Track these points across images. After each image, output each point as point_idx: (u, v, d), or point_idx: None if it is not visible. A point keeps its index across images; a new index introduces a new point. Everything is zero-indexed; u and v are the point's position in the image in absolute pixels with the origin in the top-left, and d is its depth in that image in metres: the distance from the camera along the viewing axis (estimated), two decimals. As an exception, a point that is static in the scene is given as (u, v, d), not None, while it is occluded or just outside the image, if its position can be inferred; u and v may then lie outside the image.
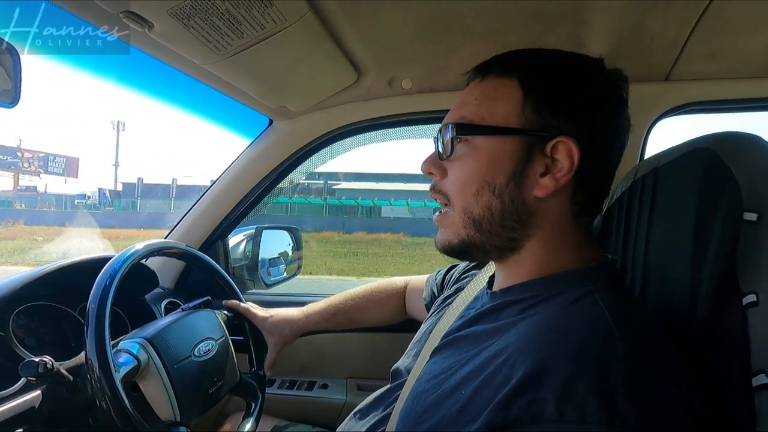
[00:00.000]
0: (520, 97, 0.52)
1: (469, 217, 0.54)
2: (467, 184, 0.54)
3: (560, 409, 0.37)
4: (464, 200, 0.54)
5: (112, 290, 0.70)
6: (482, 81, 0.56)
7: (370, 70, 1.00)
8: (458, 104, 0.57)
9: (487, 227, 0.53)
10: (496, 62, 0.56)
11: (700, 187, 0.55)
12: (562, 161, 0.51)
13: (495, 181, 0.52)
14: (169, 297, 1.14)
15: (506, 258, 0.56)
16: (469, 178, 0.54)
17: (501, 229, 0.53)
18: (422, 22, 0.84)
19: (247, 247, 1.41)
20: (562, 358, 0.41)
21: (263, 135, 1.19)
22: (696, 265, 0.53)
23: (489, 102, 0.54)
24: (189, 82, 0.91)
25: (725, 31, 0.82)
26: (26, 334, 0.84)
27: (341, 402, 1.19)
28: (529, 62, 0.55)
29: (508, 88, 0.53)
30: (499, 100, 0.54)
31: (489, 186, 0.52)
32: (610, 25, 0.83)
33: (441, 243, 0.58)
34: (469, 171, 0.54)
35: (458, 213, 0.55)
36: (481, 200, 0.53)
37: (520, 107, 0.52)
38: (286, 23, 0.73)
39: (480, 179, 0.53)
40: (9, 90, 0.61)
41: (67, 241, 13.25)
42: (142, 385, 0.71)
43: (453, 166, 0.55)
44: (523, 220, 0.53)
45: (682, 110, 1.00)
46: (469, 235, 0.54)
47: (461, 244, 0.55)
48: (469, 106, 0.55)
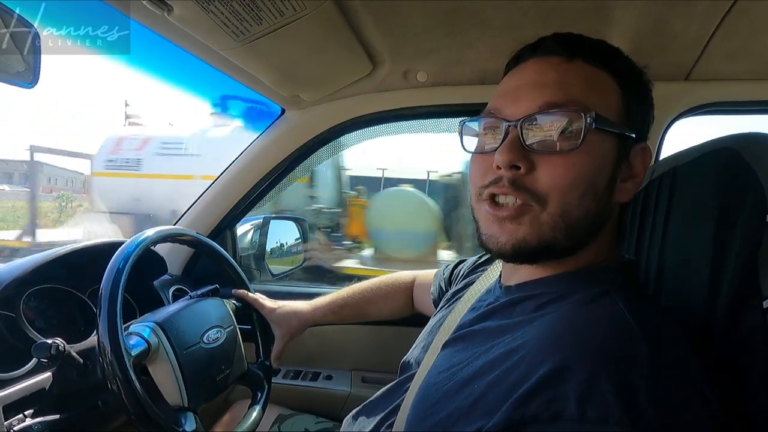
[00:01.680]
0: (618, 92, 0.49)
1: (565, 221, 0.47)
2: (576, 185, 0.47)
3: (582, 408, 0.37)
4: (566, 202, 0.47)
5: (125, 274, 0.70)
6: (570, 62, 0.49)
7: (385, 61, 1.00)
8: (553, 82, 0.48)
9: (577, 233, 0.48)
10: (584, 45, 0.50)
11: (722, 188, 0.54)
12: (637, 166, 0.50)
13: (599, 183, 0.48)
14: (177, 284, 1.15)
15: (557, 259, 0.52)
16: (580, 177, 0.47)
17: (586, 236, 0.50)
18: (440, 14, 0.83)
19: (255, 237, 1.41)
20: (584, 356, 0.40)
21: (275, 124, 1.18)
22: (715, 267, 0.52)
23: (597, 90, 0.48)
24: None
25: (749, 32, 0.80)
26: (36, 316, 0.85)
27: (345, 393, 1.19)
28: (612, 54, 0.51)
29: (606, 80, 0.49)
30: (607, 91, 0.49)
31: (593, 188, 0.48)
32: (631, 22, 0.81)
33: (513, 242, 0.49)
34: (582, 168, 0.47)
35: (551, 215, 0.47)
36: (584, 203, 0.47)
37: (622, 104, 0.49)
38: (306, 11, 0.72)
39: (589, 181, 0.47)
40: (28, 70, 0.60)
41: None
42: (152, 369, 0.72)
43: (555, 160, 0.47)
44: (603, 225, 0.50)
45: (701, 110, 0.99)
46: (555, 239, 0.48)
47: (540, 247, 0.49)
48: (576, 88, 0.47)
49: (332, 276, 4.24)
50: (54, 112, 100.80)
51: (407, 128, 1.19)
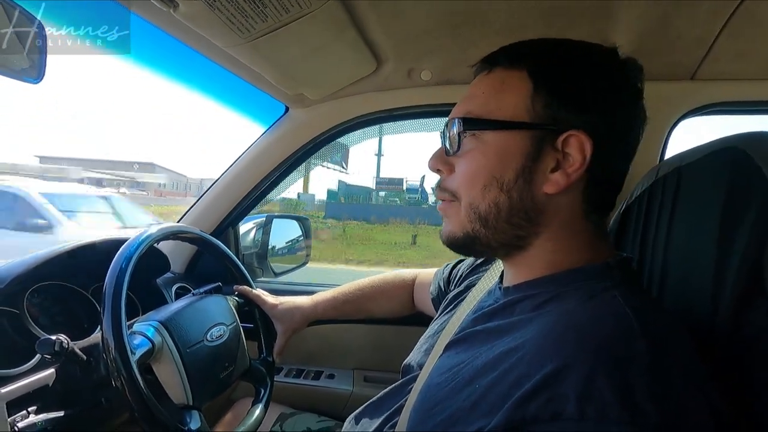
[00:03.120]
0: (529, 89, 0.51)
1: (475, 212, 0.52)
2: (474, 179, 0.52)
3: (581, 407, 0.37)
4: (471, 195, 0.53)
5: (129, 272, 0.70)
6: (490, 73, 0.55)
7: (389, 59, 0.99)
8: (465, 98, 0.56)
9: (493, 223, 0.52)
10: (504, 53, 0.54)
11: (728, 187, 0.54)
12: (574, 156, 0.49)
13: (503, 176, 0.51)
14: (180, 282, 1.15)
15: (513, 255, 0.55)
16: (477, 172, 0.52)
17: (508, 226, 0.52)
18: (444, 14, 0.83)
19: (257, 235, 1.41)
20: (583, 355, 0.40)
21: (279, 122, 1.18)
22: (720, 266, 0.52)
23: (497, 95, 0.52)
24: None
25: (756, 32, 0.80)
26: (40, 313, 0.84)
27: (348, 392, 1.19)
28: (538, 52, 0.53)
29: (517, 80, 0.51)
30: (508, 92, 0.52)
31: (497, 181, 0.51)
32: (635, 21, 0.81)
33: (445, 235, 0.57)
34: (477, 166, 0.52)
35: (464, 207, 0.53)
36: (488, 196, 0.52)
37: (530, 100, 0.50)
38: (311, 8, 0.72)
39: (488, 174, 0.51)
40: (33, 66, 0.60)
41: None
42: (156, 367, 0.72)
43: (460, 161, 0.54)
44: (532, 217, 0.52)
45: (706, 110, 0.99)
46: (474, 230, 0.53)
47: (465, 238, 0.54)
48: (476, 100, 0.54)
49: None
50: (54, 112, 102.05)
51: (411, 127, 1.19)
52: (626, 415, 0.36)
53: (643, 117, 0.54)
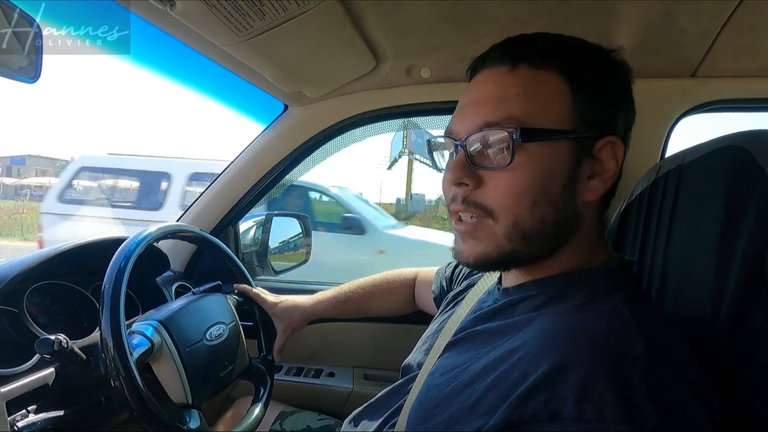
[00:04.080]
0: (567, 93, 0.48)
1: (519, 231, 0.48)
2: (522, 196, 0.48)
3: (580, 407, 0.37)
4: (516, 213, 0.48)
5: (127, 271, 0.70)
6: (514, 70, 0.50)
7: (389, 57, 0.99)
8: (493, 98, 0.49)
9: (537, 240, 0.49)
10: (529, 49, 0.50)
11: (730, 186, 0.53)
12: (608, 162, 0.49)
13: (552, 190, 0.48)
14: (180, 280, 1.15)
15: (534, 263, 0.53)
16: (526, 188, 0.48)
17: (550, 240, 0.50)
18: (444, 10, 0.82)
19: (257, 234, 1.41)
20: (582, 356, 0.40)
21: (278, 121, 1.18)
22: (721, 265, 0.51)
23: (537, 98, 0.48)
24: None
25: (758, 28, 0.79)
26: (39, 311, 0.85)
27: (348, 390, 1.19)
28: (566, 52, 0.51)
29: (552, 82, 0.49)
30: (548, 96, 0.48)
31: (546, 196, 0.48)
32: (638, 18, 0.80)
33: (475, 257, 0.51)
34: (527, 180, 0.48)
35: (504, 226, 0.49)
36: (537, 212, 0.48)
37: (570, 104, 0.48)
38: (309, 6, 0.71)
39: (537, 189, 0.48)
40: (30, 65, 0.60)
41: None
42: (155, 367, 0.72)
43: (498, 175, 0.49)
44: (571, 226, 0.50)
45: (708, 108, 0.98)
46: (514, 249, 0.49)
47: (501, 257, 0.50)
48: (514, 103, 0.48)
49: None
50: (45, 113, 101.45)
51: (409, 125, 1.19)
52: (625, 415, 0.36)
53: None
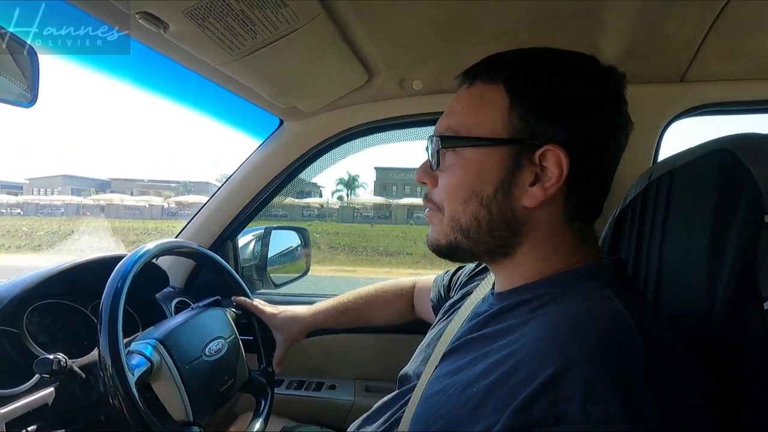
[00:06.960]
0: (506, 103, 0.51)
1: (457, 224, 0.54)
2: (455, 194, 0.54)
3: (585, 408, 0.37)
4: (452, 208, 0.54)
5: (125, 290, 0.70)
6: (470, 87, 0.56)
7: (381, 70, 1.00)
8: (447, 113, 0.57)
9: (474, 235, 0.54)
10: (483, 67, 0.55)
11: (719, 189, 0.54)
12: (551, 170, 0.50)
13: (482, 191, 0.52)
14: (179, 296, 1.15)
15: (499, 262, 0.56)
16: (457, 187, 0.54)
17: (489, 238, 0.53)
18: (434, 22, 0.83)
19: (256, 248, 1.41)
20: (582, 356, 0.40)
21: (274, 135, 1.19)
22: (713, 269, 0.52)
23: (476, 110, 0.53)
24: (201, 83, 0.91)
25: (742, 32, 0.80)
26: (39, 331, 0.85)
27: (349, 403, 1.19)
28: (515, 65, 0.53)
29: (494, 94, 0.52)
30: (486, 107, 0.53)
31: (476, 196, 0.52)
32: (625, 25, 0.82)
33: (430, 241, 0.59)
34: (457, 181, 0.54)
35: (447, 219, 0.55)
36: (469, 209, 0.53)
37: (507, 114, 0.51)
38: (299, 24, 0.73)
39: (467, 189, 0.53)
40: (27, 90, 0.61)
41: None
42: (155, 385, 0.72)
43: (443, 175, 0.56)
44: (513, 229, 0.53)
45: (697, 112, 0.99)
46: (456, 239, 0.55)
47: (448, 246, 0.56)
48: (456, 116, 0.55)
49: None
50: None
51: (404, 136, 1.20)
52: (627, 415, 0.36)
53: (627, 123, 0.53)
